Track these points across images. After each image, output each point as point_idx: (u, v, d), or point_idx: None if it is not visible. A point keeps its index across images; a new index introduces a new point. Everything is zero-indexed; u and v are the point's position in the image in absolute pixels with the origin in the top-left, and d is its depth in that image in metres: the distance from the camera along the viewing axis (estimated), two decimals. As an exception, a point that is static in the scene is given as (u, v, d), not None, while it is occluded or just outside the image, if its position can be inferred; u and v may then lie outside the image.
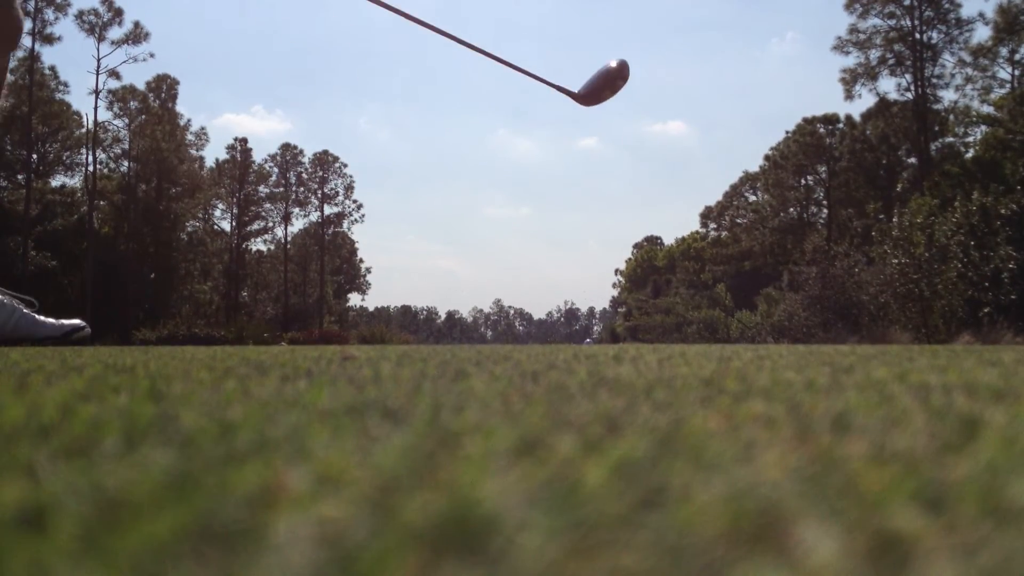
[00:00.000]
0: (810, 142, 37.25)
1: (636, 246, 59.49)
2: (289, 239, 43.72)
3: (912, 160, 32.81)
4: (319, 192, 44.16)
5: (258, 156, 49.00)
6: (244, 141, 42.63)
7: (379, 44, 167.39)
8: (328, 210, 44.34)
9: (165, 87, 37.03)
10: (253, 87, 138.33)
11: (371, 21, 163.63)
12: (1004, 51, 29.52)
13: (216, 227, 41.75)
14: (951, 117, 31.61)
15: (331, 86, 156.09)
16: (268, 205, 43.02)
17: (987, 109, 28.90)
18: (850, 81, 32.09)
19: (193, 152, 38.48)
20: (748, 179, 44.25)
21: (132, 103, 35.61)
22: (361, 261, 49.76)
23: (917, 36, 31.16)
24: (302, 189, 43.93)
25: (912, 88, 31.48)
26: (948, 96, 54.73)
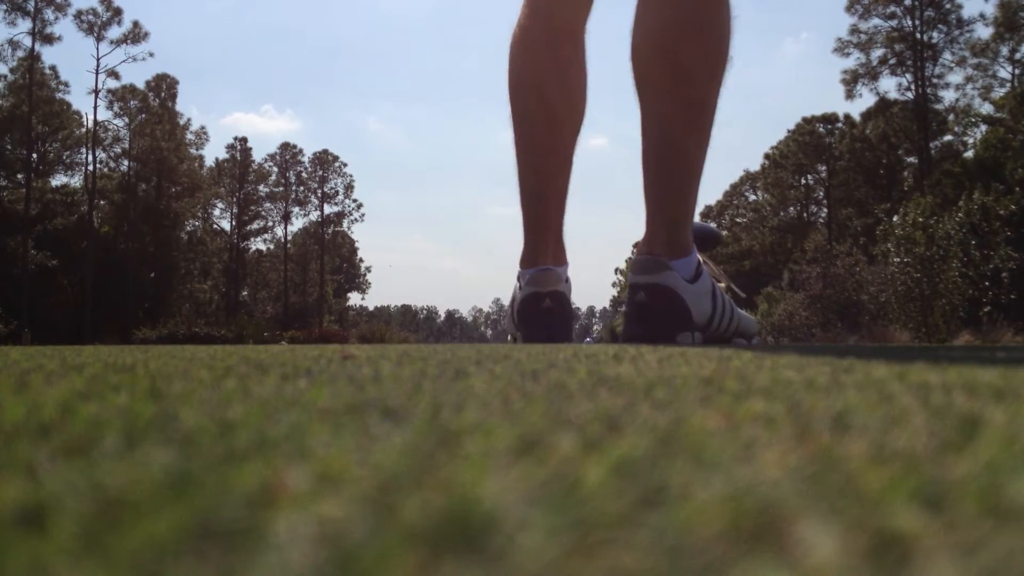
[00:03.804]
0: (809, 141, 37.27)
1: (636, 245, 59.32)
2: (289, 238, 43.73)
3: (912, 159, 32.81)
4: (319, 191, 44.16)
5: (263, 155, 48.98)
6: (244, 140, 42.64)
7: (388, 44, 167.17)
8: (328, 209, 44.36)
9: (165, 86, 37.03)
10: (263, 87, 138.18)
11: (381, 21, 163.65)
12: (1004, 50, 29.52)
13: (216, 226, 41.74)
14: (951, 116, 31.62)
15: (340, 86, 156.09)
16: (268, 204, 43.03)
17: (987, 108, 28.89)
18: (851, 81, 32.10)
19: (193, 151, 38.50)
20: (748, 178, 44.24)
21: (132, 102, 35.61)
22: (361, 261, 49.76)
23: (918, 36, 31.14)
24: (302, 188, 43.94)
25: (912, 88, 31.48)
26: (948, 95, 54.73)
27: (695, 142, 1.77)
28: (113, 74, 34.16)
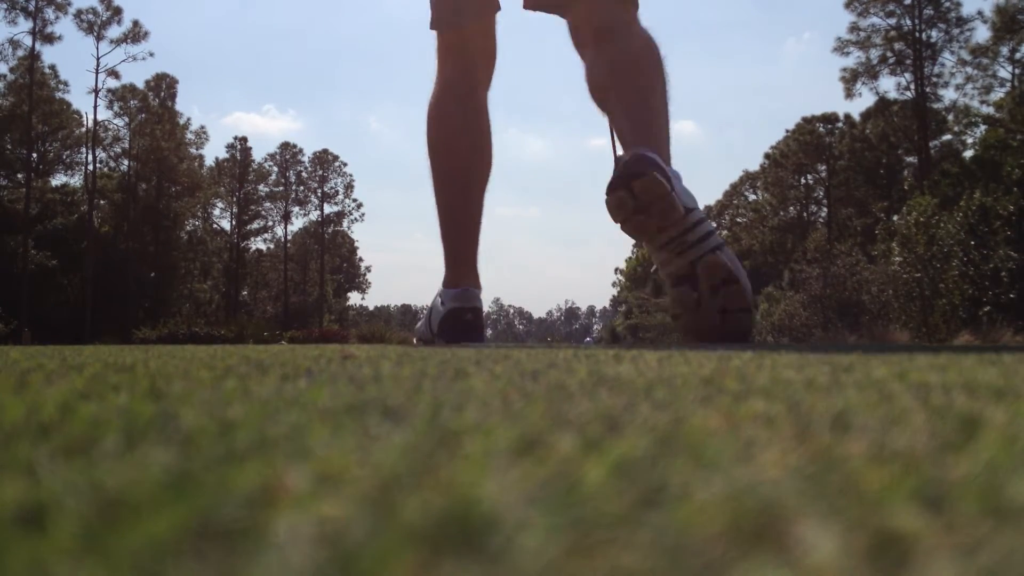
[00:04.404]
0: (809, 141, 37.29)
1: (636, 245, 59.45)
2: (289, 238, 43.73)
3: (912, 159, 32.83)
4: (319, 191, 44.16)
5: (263, 155, 49.03)
6: (244, 140, 42.62)
7: (390, 44, 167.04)
8: (328, 209, 44.36)
9: (165, 86, 37.03)
10: (265, 86, 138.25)
11: (382, 21, 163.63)
12: (1004, 50, 29.52)
13: (216, 226, 41.77)
14: (951, 116, 31.63)
15: (342, 86, 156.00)
16: (268, 204, 43.03)
17: (987, 109, 28.90)
18: (850, 80, 32.08)
19: (193, 151, 38.51)
20: (748, 178, 44.25)
21: (132, 102, 35.62)
22: (361, 260, 49.77)
23: (917, 35, 31.14)
24: (302, 188, 43.94)
25: (912, 87, 31.47)
26: (948, 95, 54.73)
27: (657, 98, 2.20)
28: (113, 73, 34.16)
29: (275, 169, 43.18)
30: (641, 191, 1.95)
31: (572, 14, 2.26)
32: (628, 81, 2.17)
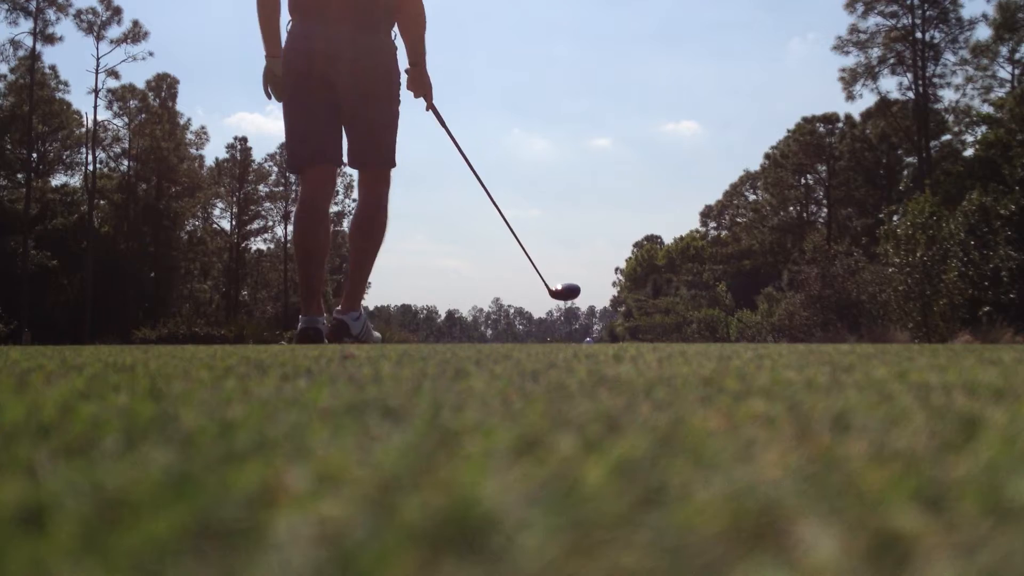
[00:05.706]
0: (809, 141, 37.30)
1: (636, 245, 59.49)
2: (289, 238, 43.69)
3: (912, 159, 32.83)
4: (319, 191, 44.04)
5: (263, 155, 48.92)
6: (244, 140, 42.60)
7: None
8: (328, 209, 44.27)
9: (165, 86, 37.04)
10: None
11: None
12: (1004, 50, 29.52)
13: (216, 226, 41.78)
14: (951, 116, 31.61)
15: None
16: (268, 204, 43.00)
17: (987, 109, 28.88)
18: (850, 80, 32.06)
19: (193, 151, 38.52)
20: (748, 178, 44.27)
21: (132, 102, 35.62)
22: (361, 260, 49.66)
23: (918, 35, 31.13)
24: (302, 188, 43.86)
25: (913, 87, 31.45)
26: (949, 95, 54.70)
27: (370, 266, 4.06)
28: (113, 74, 34.18)
29: (275, 169, 43.17)
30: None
31: (363, 176, 3.95)
32: (364, 258, 3.98)
